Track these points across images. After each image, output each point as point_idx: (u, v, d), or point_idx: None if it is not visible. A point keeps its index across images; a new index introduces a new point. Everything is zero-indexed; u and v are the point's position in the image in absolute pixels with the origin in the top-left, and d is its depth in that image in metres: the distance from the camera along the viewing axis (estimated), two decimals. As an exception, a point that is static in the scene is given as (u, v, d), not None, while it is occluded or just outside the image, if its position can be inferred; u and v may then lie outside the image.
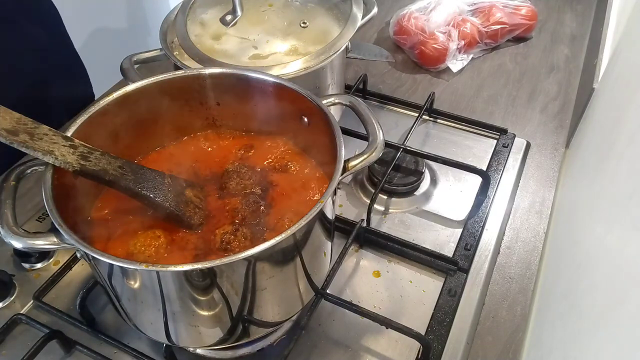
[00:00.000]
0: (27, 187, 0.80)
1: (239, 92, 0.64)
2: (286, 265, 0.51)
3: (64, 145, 0.51)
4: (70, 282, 0.70)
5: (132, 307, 0.53)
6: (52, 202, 0.48)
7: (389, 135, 0.89)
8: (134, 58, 0.75)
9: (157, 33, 0.78)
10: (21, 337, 0.65)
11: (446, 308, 0.66)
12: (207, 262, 0.43)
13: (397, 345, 0.63)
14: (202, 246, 0.55)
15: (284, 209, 0.59)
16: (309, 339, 0.64)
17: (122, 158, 0.55)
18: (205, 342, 0.56)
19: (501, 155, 0.86)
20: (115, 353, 0.63)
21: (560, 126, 0.94)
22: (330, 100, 0.61)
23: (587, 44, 1.13)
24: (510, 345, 0.64)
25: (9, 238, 0.46)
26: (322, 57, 0.72)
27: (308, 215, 0.46)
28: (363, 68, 1.05)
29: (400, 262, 0.72)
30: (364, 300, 0.68)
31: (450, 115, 0.93)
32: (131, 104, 0.60)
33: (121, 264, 0.44)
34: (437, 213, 0.79)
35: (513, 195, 0.82)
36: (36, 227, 0.76)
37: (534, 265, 0.72)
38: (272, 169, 0.64)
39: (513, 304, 0.68)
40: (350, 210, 0.79)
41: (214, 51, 0.77)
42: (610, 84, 0.75)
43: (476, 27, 1.07)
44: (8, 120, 0.49)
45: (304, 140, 0.64)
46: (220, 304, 0.49)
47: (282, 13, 0.84)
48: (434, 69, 1.06)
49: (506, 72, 1.07)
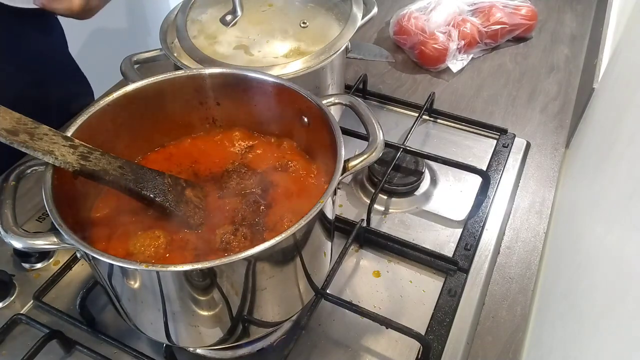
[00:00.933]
0: (27, 187, 0.80)
1: (239, 92, 0.64)
2: (286, 265, 0.51)
3: (64, 145, 0.51)
4: (70, 282, 0.70)
5: (132, 307, 0.53)
6: (52, 202, 0.48)
7: (389, 135, 0.89)
8: (134, 58, 0.75)
9: (157, 33, 0.78)
10: (21, 337, 0.65)
11: (446, 308, 0.66)
12: (207, 262, 0.43)
13: (397, 345, 0.63)
14: (202, 246, 0.55)
15: (284, 209, 0.59)
16: (309, 339, 0.64)
17: (122, 158, 0.55)
18: (205, 342, 0.56)
19: (501, 155, 0.86)
20: (115, 353, 0.63)
21: (560, 126, 0.94)
22: (330, 100, 0.61)
23: (587, 44, 1.13)
24: (510, 345, 0.64)
25: (9, 238, 0.46)
26: (322, 57, 0.72)
27: (308, 215, 0.46)
28: (363, 68, 1.05)
29: (400, 262, 0.72)
30: (364, 300, 0.68)
31: (450, 115, 0.93)
32: (131, 104, 0.60)
33: (121, 264, 0.44)
34: (437, 213, 0.79)
35: (513, 195, 0.82)
36: (36, 227, 0.76)
37: (534, 265, 0.72)
38: (272, 169, 0.64)
39: (513, 304, 0.68)
40: (350, 210, 0.79)
41: (213, 51, 0.77)
42: (610, 84, 0.75)
43: (476, 27, 1.07)
44: (8, 120, 0.49)
45: (304, 140, 0.65)
46: (220, 304, 0.49)
47: (282, 13, 0.84)
48: (434, 69, 1.06)
49: (506, 72, 1.07)
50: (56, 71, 0.97)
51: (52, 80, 0.95)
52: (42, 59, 0.92)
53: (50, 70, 0.95)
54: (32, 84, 0.90)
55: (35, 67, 0.91)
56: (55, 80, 0.96)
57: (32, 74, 0.90)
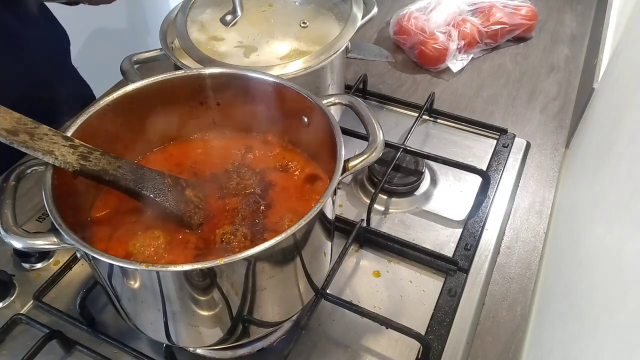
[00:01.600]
0: (27, 187, 0.80)
1: (239, 92, 0.64)
2: (286, 265, 0.51)
3: (64, 145, 0.51)
4: (70, 282, 0.70)
5: (132, 307, 0.53)
6: (52, 202, 0.48)
7: (389, 135, 0.89)
8: (134, 58, 0.75)
9: (157, 33, 0.78)
10: (21, 337, 0.65)
11: (446, 308, 0.66)
12: (207, 262, 0.43)
13: (397, 345, 0.63)
14: (202, 246, 0.55)
15: (284, 209, 0.59)
16: (309, 339, 0.64)
17: (122, 158, 0.55)
18: (205, 342, 0.56)
19: (501, 155, 0.86)
20: (115, 353, 0.63)
21: (560, 126, 0.94)
22: (330, 100, 0.61)
23: (587, 44, 1.13)
24: (510, 345, 0.64)
25: (9, 238, 0.46)
26: (322, 57, 0.72)
27: (308, 215, 0.46)
28: (363, 68, 1.05)
29: (400, 262, 0.72)
30: (364, 300, 0.68)
31: (450, 115, 0.93)
32: (131, 104, 0.60)
33: (121, 264, 0.44)
34: (437, 213, 0.79)
35: (513, 195, 0.82)
36: (36, 227, 0.76)
37: (534, 265, 0.72)
38: (272, 169, 0.64)
39: (513, 304, 0.68)
40: (350, 210, 0.79)
41: (213, 51, 0.77)
42: (610, 84, 0.75)
43: (476, 27, 1.07)
44: (8, 120, 0.49)
45: (304, 140, 0.64)
46: (220, 304, 0.49)
47: (282, 13, 0.84)
48: (434, 69, 1.06)
49: (506, 72, 1.07)
50: (57, 72, 0.97)
51: (53, 77, 0.95)
52: (44, 59, 0.92)
53: (51, 70, 0.95)
54: (32, 83, 0.90)
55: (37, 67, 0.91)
56: (55, 77, 0.96)
57: (32, 74, 0.90)
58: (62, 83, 0.97)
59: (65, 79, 0.99)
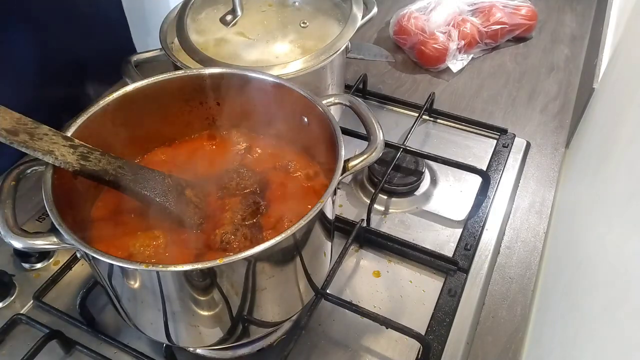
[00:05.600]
0: (27, 187, 0.80)
1: (238, 92, 0.64)
2: (286, 265, 0.51)
3: (64, 145, 0.51)
4: (70, 282, 0.70)
5: (132, 307, 0.53)
6: (52, 202, 0.48)
7: (389, 135, 0.89)
8: (134, 58, 0.75)
9: (157, 33, 0.78)
10: (21, 337, 0.65)
11: (446, 308, 0.66)
12: (207, 262, 0.43)
13: (397, 345, 0.63)
14: (202, 246, 0.55)
15: (284, 209, 0.59)
16: (309, 339, 0.64)
17: (122, 158, 0.55)
18: (205, 342, 0.56)
19: (501, 155, 0.86)
20: (115, 353, 0.63)
21: (560, 126, 0.94)
22: (330, 100, 0.61)
23: (587, 44, 1.13)
24: (510, 345, 0.64)
25: (9, 238, 0.46)
26: (322, 57, 0.72)
27: (308, 215, 0.46)
28: (363, 68, 1.05)
29: (400, 262, 0.72)
30: (364, 300, 0.68)
31: (450, 115, 0.93)
32: (131, 104, 0.60)
33: (121, 264, 0.44)
34: (437, 213, 0.79)
35: (513, 195, 0.82)
36: (36, 227, 0.76)
37: (534, 265, 0.72)
38: (272, 169, 0.64)
39: (513, 304, 0.68)
40: (350, 210, 0.79)
41: (213, 51, 0.77)
42: (610, 84, 0.75)
43: (476, 27, 1.07)
44: (8, 120, 0.49)
45: (304, 140, 0.64)
46: (220, 304, 0.49)
47: (282, 13, 0.84)
48: (434, 69, 1.06)
49: (506, 72, 1.07)
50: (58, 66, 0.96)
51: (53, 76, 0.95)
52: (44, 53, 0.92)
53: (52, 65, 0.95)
54: (32, 83, 0.90)
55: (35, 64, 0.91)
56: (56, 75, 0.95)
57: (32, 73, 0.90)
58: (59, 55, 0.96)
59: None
